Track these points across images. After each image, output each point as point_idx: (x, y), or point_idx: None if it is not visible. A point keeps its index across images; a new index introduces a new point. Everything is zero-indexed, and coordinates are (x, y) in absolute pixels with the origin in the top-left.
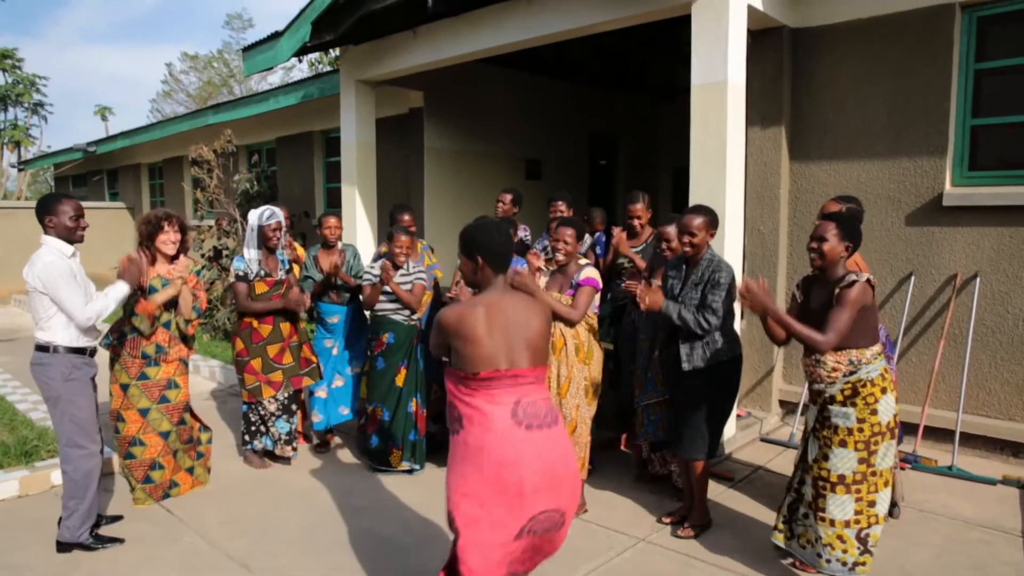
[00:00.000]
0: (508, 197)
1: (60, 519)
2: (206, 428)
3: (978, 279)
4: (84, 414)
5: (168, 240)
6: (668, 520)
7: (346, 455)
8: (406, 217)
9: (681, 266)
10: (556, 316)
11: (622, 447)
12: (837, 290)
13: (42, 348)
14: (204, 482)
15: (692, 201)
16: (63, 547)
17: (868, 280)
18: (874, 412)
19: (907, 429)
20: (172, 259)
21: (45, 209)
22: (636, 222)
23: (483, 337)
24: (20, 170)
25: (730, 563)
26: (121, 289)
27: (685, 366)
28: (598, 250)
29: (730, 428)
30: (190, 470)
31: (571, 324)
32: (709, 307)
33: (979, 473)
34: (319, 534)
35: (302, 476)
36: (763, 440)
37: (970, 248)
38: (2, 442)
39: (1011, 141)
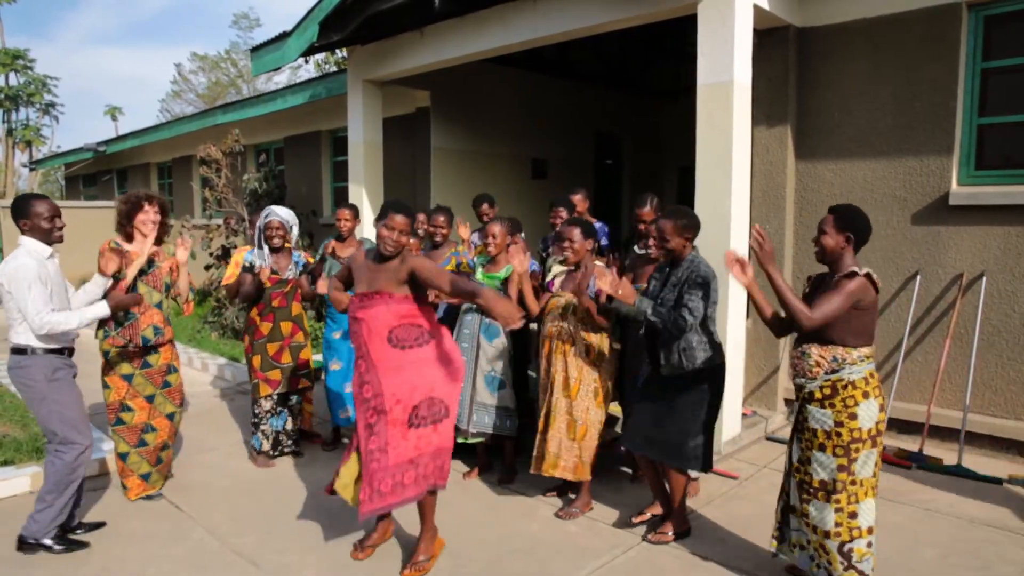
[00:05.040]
0: (485, 206)
1: (31, 515)
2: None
3: (984, 278)
4: (73, 411)
5: (148, 219)
6: (638, 520)
7: None
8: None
9: (665, 269)
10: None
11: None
12: (836, 278)
13: (19, 351)
14: (156, 488)
15: (699, 201)
16: (25, 545)
17: (870, 275)
18: (853, 416)
19: (913, 428)
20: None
21: (19, 212)
22: (643, 227)
23: None
24: (31, 170)
25: (734, 562)
26: (98, 311)
27: (664, 371)
28: (604, 241)
29: (735, 427)
30: (145, 476)
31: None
32: (684, 305)
33: (985, 472)
34: (327, 531)
35: (311, 473)
36: (768, 439)
37: (976, 247)
38: (14, 438)
39: (1017, 140)
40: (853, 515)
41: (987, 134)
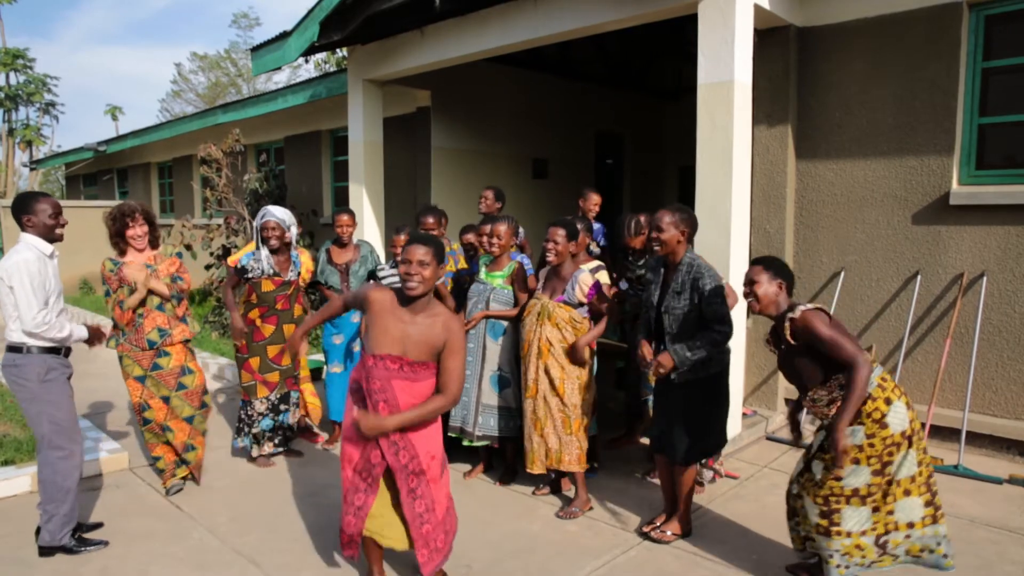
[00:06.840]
0: (490, 193)
1: (38, 527)
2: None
3: (985, 278)
4: (64, 414)
5: (135, 235)
6: (649, 529)
7: None
8: (430, 220)
9: (659, 269)
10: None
11: (628, 444)
12: (787, 326)
13: (14, 348)
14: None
15: (699, 200)
16: (45, 551)
17: (819, 308)
18: (884, 426)
19: None
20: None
21: (23, 208)
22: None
23: None
24: (32, 169)
25: (735, 561)
26: (79, 334)
27: (675, 378)
28: (601, 240)
29: (735, 427)
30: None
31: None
32: (716, 318)
33: (985, 472)
34: (328, 531)
35: (311, 473)
36: (769, 439)
37: (977, 247)
38: (14, 438)
39: (1018, 140)
40: (891, 512)
41: (988, 134)
